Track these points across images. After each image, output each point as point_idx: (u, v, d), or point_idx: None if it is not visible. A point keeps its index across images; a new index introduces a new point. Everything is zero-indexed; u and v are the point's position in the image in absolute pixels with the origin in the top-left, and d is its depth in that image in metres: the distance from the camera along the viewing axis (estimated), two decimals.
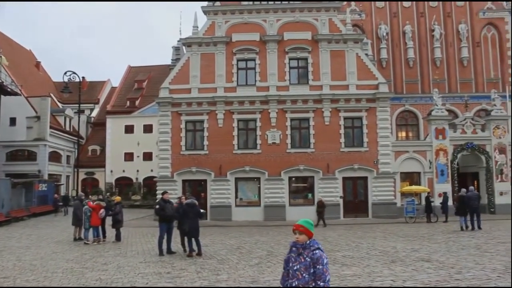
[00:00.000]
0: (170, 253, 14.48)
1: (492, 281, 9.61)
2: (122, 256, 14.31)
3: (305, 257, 4.55)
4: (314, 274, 4.48)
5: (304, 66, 30.15)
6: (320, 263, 4.47)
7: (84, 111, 53.20)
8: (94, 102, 57.08)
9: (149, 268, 11.99)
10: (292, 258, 4.66)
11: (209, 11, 30.72)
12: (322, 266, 4.47)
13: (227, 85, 29.89)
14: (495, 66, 37.83)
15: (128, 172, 48.88)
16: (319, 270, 4.46)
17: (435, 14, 38.25)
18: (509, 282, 9.51)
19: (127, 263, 12.89)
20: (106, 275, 11.11)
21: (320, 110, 29.33)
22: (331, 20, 30.35)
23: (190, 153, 29.54)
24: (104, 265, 12.51)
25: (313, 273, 4.48)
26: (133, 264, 12.71)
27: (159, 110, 30.26)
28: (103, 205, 18.68)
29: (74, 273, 11.44)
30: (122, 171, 48.93)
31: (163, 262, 13.06)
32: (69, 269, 11.93)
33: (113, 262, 13.00)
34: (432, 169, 29.88)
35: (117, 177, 49.14)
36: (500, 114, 31.02)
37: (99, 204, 18.47)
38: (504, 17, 38.18)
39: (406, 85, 37.61)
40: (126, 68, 58.58)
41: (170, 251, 14.56)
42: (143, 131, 49.18)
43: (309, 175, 29.19)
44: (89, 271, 11.68)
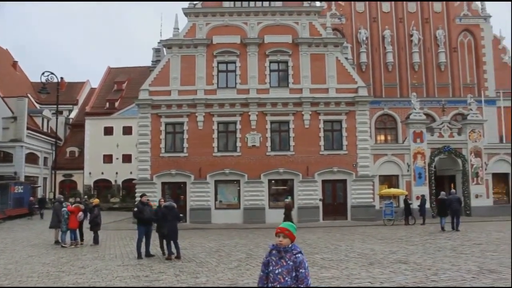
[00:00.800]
0: (149, 256, 14.37)
1: (467, 282, 9.78)
2: (100, 259, 14.16)
3: (287, 260, 4.54)
4: (296, 277, 4.48)
5: (284, 69, 30.29)
6: (303, 266, 4.49)
7: (63, 112, 52.46)
8: (72, 103, 56.30)
9: (127, 272, 11.88)
10: (273, 261, 4.63)
11: (190, 13, 30.65)
12: (304, 270, 4.48)
13: (207, 87, 29.84)
14: (471, 71, 38.67)
15: (107, 175, 48.38)
16: (301, 273, 4.47)
17: (414, 20, 38.94)
18: (482, 283, 9.70)
19: (105, 266, 12.75)
20: (83, 278, 10.97)
21: (300, 113, 29.48)
22: (312, 24, 30.55)
23: (169, 155, 29.39)
24: (81, 269, 12.35)
25: (295, 276, 4.49)
26: (111, 267, 12.58)
27: (139, 112, 30.04)
28: (82, 207, 18.48)
29: (50, 277, 11.27)
30: (101, 173, 48.42)
31: (142, 265, 12.95)
32: (45, 273, 11.75)
33: (90, 266, 12.85)
34: (410, 172, 30.26)
35: (96, 180, 48.61)
36: (476, 119, 31.59)
37: (78, 206, 18.27)
38: (480, 24, 39.08)
39: (385, 89, 38.14)
40: (106, 69, 58.05)
41: (148, 254, 14.45)
42: (123, 133, 48.74)
43: (289, 178, 29.29)
44: (65, 275, 11.52)
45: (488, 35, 39.04)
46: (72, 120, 54.79)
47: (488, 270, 11.04)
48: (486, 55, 38.64)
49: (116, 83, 54.12)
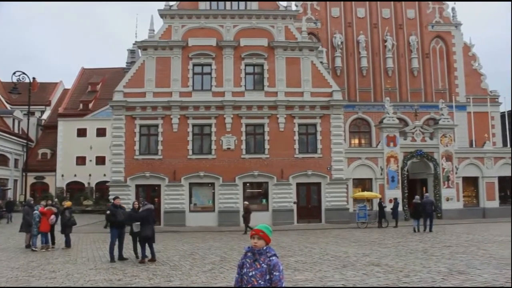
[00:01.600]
0: (122, 259, 14.23)
1: (437, 283, 9.99)
2: (72, 263, 13.94)
3: (261, 263, 4.54)
4: (270, 280, 4.48)
5: (260, 73, 30.36)
6: (277, 269, 4.49)
7: (35, 113, 51.53)
8: (45, 104, 55.32)
9: (99, 275, 11.73)
10: (247, 263, 4.63)
11: (166, 15, 30.47)
12: (278, 273, 4.48)
13: (182, 89, 29.70)
14: (442, 77, 39.59)
15: (80, 177, 47.62)
16: (275, 276, 4.47)
17: (388, 26, 39.67)
18: (452, 284, 9.92)
19: (77, 270, 12.56)
20: (54, 283, 10.78)
21: (275, 116, 29.59)
22: (287, 28, 30.72)
23: (144, 157, 29.13)
24: (52, 273, 12.13)
25: (269, 279, 4.48)
26: (83, 271, 12.40)
27: (113, 114, 29.68)
28: (55, 210, 18.15)
29: (19, 282, 11.04)
30: (74, 176, 47.62)
31: (115, 268, 12.81)
32: (13, 278, 11.50)
33: (61, 270, 12.63)
34: (383, 176, 30.65)
35: (68, 182, 47.77)
36: (447, 123, 32.21)
37: (50, 209, 17.90)
38: (451, 31, 40.08)
39: (359, 93, 38.67)
40: (80, 70, 57.21)
41: (121, 258, 14.30)
42: (96, 135, 48.10)
43: (264, 181, 29.36)
44: (35, 279, 11.31)
45: (459, 42, 40.11)
46: (44, 121, 53.79)
47: (457, 272, 11.29)
48: (457, 61, 39.69)
49: (90, 84, 53.37)
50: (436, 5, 40.47)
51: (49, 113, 54.45)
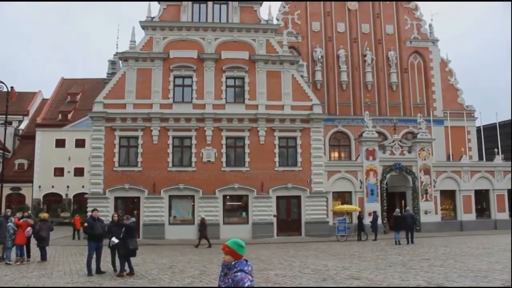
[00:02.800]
0: (99, 273, 14.04)
1: None
2: (47, 277, 13.70)
3: (229, 278, 4.59)
4: None
5: (240, 85, 30.47)
6: (240, 285, 4.47)
7: (12, 122, 50.67)
8: (23, 114, 54.45)
9: None
10: (221, 277, 4.71)
11: (148, 26, 30.44)
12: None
13: (163, 101, 29.62)
14: (420, 92, 40.39)
15: (58, 188, 46.85)
16: None
17: (367, 41, 40.36)
18: None
19: (53, 284, 12.35)
20: None
21: (256, 129, 29.67)
22: (268, 41, 30.96)
23: (123, 169, 28.87)
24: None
25: None
26: (59, 285, 12.20)
27: (92, 125, 29.40)
28: (31, 222, 17.80)
29: None
30: (51, 187, 46.82)
31: (92, 282, 12.64)
32: None
33: (37, 284, 12.41)
34: (363, 189, 30.88)
35: (46, 193, 46.93)
36: (425, 137, 32.69)
37: (26, 221, 17.54)
38: (428, 47, 40.99)
39: (339, 107, 39.09)
40: (59, 79, 56.63)
41: (99, 271, 14.11)
42: (75, 146, 47.44)
43: (244, 194, 29.31)
44: None
45: (436, 58, 41.02)
46: (22, 131, 52.93)
47: (435, 285, 11.42)
48: (434, 76, 40.57)
49: (70, 95, 52.86)
50: (414, 21, 41.48)
51: (27, 123, 53.65)
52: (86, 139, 41.28)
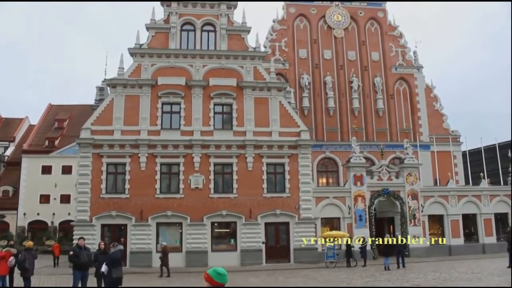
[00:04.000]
0: None
1: None
2: None
3: None
4: None
5: (228, 112, 30.62)
6: None
7: None
8: (9, 140, 53.95)
9: None
10: None
11: (136, 53, 30.63)
12: None
13: (151, 128, 29.63)
14: (406, 118, 40.94)
15: (43, 215, 46.16)
16: None
17: (353, 67, 41.05)
18: None
19: None
20: None
21: (244, 155, 29.71)
22: (256, 68, 31.28)
23: (110, 196, 28.63)
24: None
25: None
26: None
27: (80, 152, 29.25)
28: (14, 252, 17.46)
29: None
30: (37, 214, 46.12)
31: None
32: None
33: None
34: (351, 215, 30.84)
35: (31, 221, 46.21)
36: (412, 162, 32.92)
37: (9, 251, 17.18)
38: (413, 73, 41.80)
39: (327, 133, 39.40)
40: (47, 106, 56.45)
41: None
42: (62, 172, 47.01)
43: (232, 221, 29.15)
44: None
45: (421, 84, 41.81)
46: (7, 157, 52.37)
47: None
48: (419, 102, 41.24)
49: (57, 121, 52.65)
50: (399, 48, 42.40)
51: (13, 149, 53.11)
52: (73, 165, 40.95)
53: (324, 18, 42.06)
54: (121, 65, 30.63)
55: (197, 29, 31.49)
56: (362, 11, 42.83)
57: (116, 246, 14.56)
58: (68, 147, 46.52)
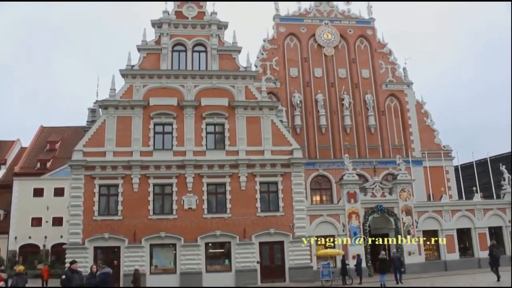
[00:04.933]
0: None
1: None
2: None
3: None
4: None
5: (220, 132, 30.67)
6: None
7: None
8: (0, 163, 53.61)
9: None
10: None
11: (127, 74, 30.73)
12: None
13: (143, 149, 29.59)
14: (398, 134, 41.27)
15: (35, 239, 45.60)
16: None
17: (344, 85, 41.48)
18: None
19: None
20: None
21: (237, 175, 29.70)
22: (247, 88, 31.45)
23: (103, 218, 28.41)
24: None
25: None
26: None
27: (72, 174, 29.12)
28: (4, 277, 17.22)
29: None
30: (28, 238, 45.52)
31: None
32: None
33: None
34: (346, 232, 30.76)
35: (22, 244, 45.58)
36: (405, 178, 32.99)
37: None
38: (404, 90, 42.27)
39: (319, 151, 39.54)
40: (38, 128, 56.23)
41: None
42: (54, 195, 46.56)
43: (226, 241, 28.97)
44: None
45: (412, 100, 42.29)
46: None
47: None
48: (411, 118, 41.63)
49: (49, 143, 52.34)
50: (389, 65, 42.98)
51: (4, 172, 52.64)
52: (65, 187, 40.61)
53: (314, 36, 42.60)
54: (112, 86, 30.68)
55: (188, 50, 31.71)
56: (351, 29, 43.43)
57: (103, 268, 14.41)
58: (60, 169, 46.19)
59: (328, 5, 44.14)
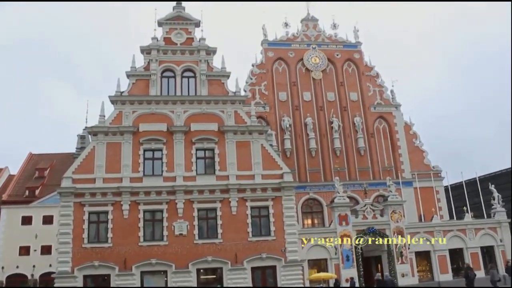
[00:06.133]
0: None
1: None
2: None
3: None
4: None
5: (210, 157, 30.66)
6: None
7: None
8: None
9: None
10: None
11: (117, 101, 30.76)
12: None
13: (133, 175, 29.45)
14: (388, 155, 41.58)
15: (23, 268, 44.73)
16: None
17: (333, 108, 41.96)
18: None
19: None
20: None
21: (227, 200, 29.61)
22: (237, 112, 31.61)
23: (92, 246, 28.03)
24: None
25: None
26: None
27: (61, 201, 28.79)
28: None
29: None
30: (16, 267, 44.71)
31: None
32: None
33: None
34: (338, 255, 30.62)
35: (10, 274, 44.65)
36: (396, 200, 33.05)
37: None
38: (392, 112, 42.77)
39: (310, 174, 39.62)
40: (27, 155, 55.81)
41: None
42: (43, 223, 45.90)
43: (218, 266, 28.66)
44: None
45: (400, 122, 42.79)
46: None
47: None
48: (399, 140, 42.05)
49: (38, 170, 51.92)
50: (377, 88, 43.57)
51: None
52: (54, 215, 40.12)
53: (302, 61, 43.11)
54: (102, 112, 30.68)
55: (177, 75, 31.90)
56: (338, 53, 44.05)
57: None
58: (49, 197, 45.74)
59: (315, 29, 44.87)
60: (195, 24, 33.31)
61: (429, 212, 35.92)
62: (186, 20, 33.19)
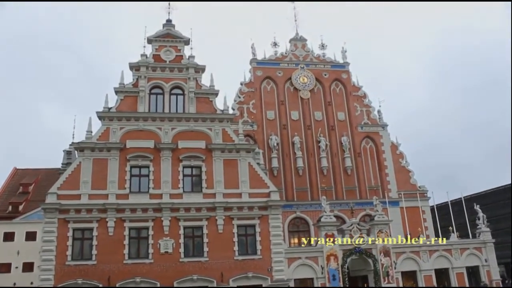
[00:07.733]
0: None
1: None
2: None
3: None
4: None
5: (198, 174, 30.61)
6: None
7: None
8: None
9: None
10: None
11: (104, 117, 30.68)
12: None
13: (119, 191, 29.25)
14: (374, 175, 41.80)
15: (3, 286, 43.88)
16: None
17: (320, 127, 42.23)
18: None
19: None
20: None
21: (214, 218, 29.50)
22: (225, 130, 31.69)
23: (76, 263, 27.64)
24: None
25: None
26: None
27: (45, 217, 28.47)
28: None
29: None
30: None
31: None
32: None
33: None
34: (324, 274, 30.48)
35: None
36: (382, 219, 33.07)
37: None
38: (379, 131, 43.16)
39: (297, 193, 39.65)
40: (11, 169, 55.10)
41: None
42: (25, 239, 45.11)
43: (203, 285, 28.30)
44: None
45: (387, 142, 43.17)
46: None
47: None
48: (386, 159, 42.31)
49: (22, 185, 51.20)
50: (364, 108, 43.95)
51: None
52: (38, 231, 39.50)
53: (291, 80, 43.44)
54: (89, 128, 30.56)
55: (165, 93, 31.98)
56: (326, 73, 44.50)
57: None
58: (33, 212, 45.02)
59: (303, 49, 45.33)
60: (184, 42, 33.52)
61: (415, 231, 36.02)
62: (175, 37, 33.40)
